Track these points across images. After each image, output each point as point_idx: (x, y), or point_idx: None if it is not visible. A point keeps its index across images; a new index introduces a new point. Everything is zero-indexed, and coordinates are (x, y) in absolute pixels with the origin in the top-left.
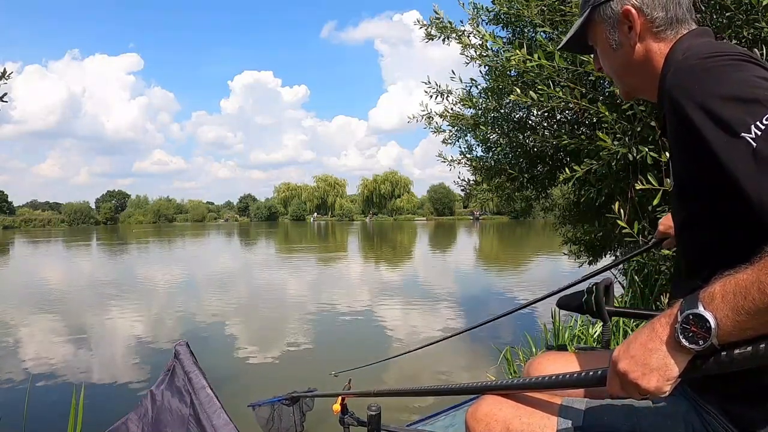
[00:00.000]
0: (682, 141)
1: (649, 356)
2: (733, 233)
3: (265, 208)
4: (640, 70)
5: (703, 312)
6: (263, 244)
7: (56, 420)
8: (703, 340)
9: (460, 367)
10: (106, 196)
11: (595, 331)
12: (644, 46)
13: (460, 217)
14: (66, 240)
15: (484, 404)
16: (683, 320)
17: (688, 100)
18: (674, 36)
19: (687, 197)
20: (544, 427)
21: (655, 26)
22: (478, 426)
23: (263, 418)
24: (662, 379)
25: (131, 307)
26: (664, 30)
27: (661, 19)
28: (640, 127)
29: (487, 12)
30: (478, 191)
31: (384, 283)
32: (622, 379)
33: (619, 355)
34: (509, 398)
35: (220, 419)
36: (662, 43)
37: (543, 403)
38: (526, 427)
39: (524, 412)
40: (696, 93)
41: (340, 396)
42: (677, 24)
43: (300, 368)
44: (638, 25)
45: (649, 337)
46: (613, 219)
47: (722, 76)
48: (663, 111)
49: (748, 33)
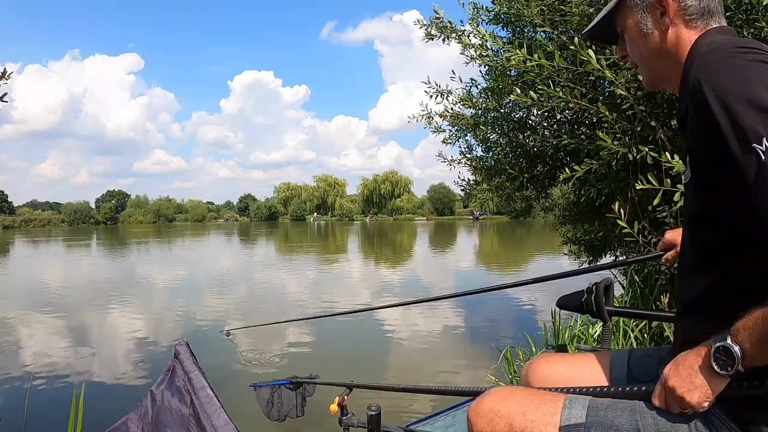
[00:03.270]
0: (703, 133)
1: (695, 376)
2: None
3: (265, 208)
4: (668, 57)
5: (730, 344)
6: (263, 244)
7: (56, 420)
8: (730, 367)
9: (460, 367)
10: (106, 196)
11: (595, 331)
12: (675, 33)
13: (460, 217)
14: (66, 240)
15: (488, 399)
16: (716, 350)
17: (713, 97)
18: (704, 26)
19: (702, 188)
20: (548, 424)
21: (687, 14)
22: (481, 422)
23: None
24: (703, 396)
25: (131, 306)
26: (696, 19)
27: (694, 7)
28: (640, 127)
29: (487, 12)
30: (478, 191)
31: (384, 283)
32: (669, 394)
33: (669, 374)
34: (515, 393)
35: (220, 419)
36: (692, 32)
37: (547, 401)
38: (530, 425)
39: (528, 408)
40: (720, 90)
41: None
42: (708, 15)
43: (300, 368)
44: (672, 10)
45: (695, 360)
46: (613, 219)
47: (748, 75)
48: (684, 102)
49: (748, 33)
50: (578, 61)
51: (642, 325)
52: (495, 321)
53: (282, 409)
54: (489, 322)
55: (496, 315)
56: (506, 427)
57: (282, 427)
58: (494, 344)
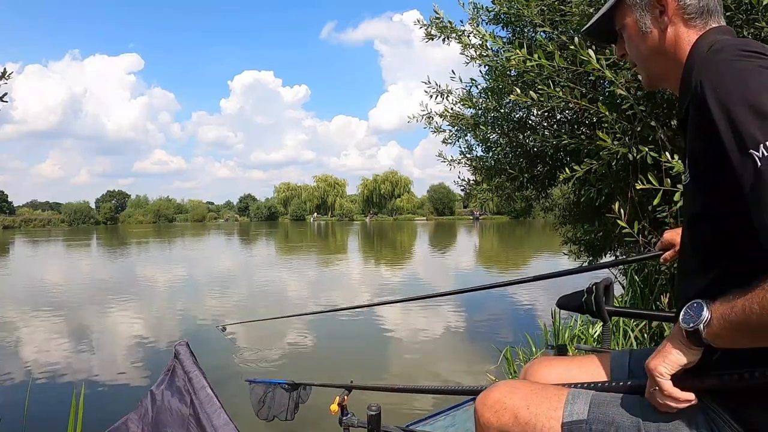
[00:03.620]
0: (703, 135)
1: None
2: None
3: (265, 208)
4: (667, 56)
5: (703, 303)
6: (263, 244)
7: (56, 420)
8: (693, 323)
9: (460, 367)
10: (106, 196)
11: (595, 331)
12: (674, 32)
13: (460, 217)
14: (66, 240)
15: (495, 391)
16: (689, 306)
17: (713, 99)
18: (703, 26)
19: (702, 189)
20: (550, 418)
21: (686, 12)
22: (488, 412)
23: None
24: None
25: (131, 307)
26: (695, 18)
27: (694, 6)
28: (640, 127)
29: (487, 12)
30: (478, 191)
31: (384, 283)
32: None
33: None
34: (520, 387)
35: (220, 419)
36: (692, 31)
37: (551, 394)
38: (533, 417)
39: (533, 402)
40: (721, 93)
41: (343, 387)
42: (707, 14)
43: (300, 368)
44: (671, 9)
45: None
46: (613, 219)
47: (749, 78)
48: (684, 103)
49: (748, 33)
50: (578, 61)
51: (642, 325)
52: (495, 321)
53: (272, 409)
54: (489, 322)
55: (496, 315)
56: (511, 419)
57: (282, 427)
58: (494, 344)
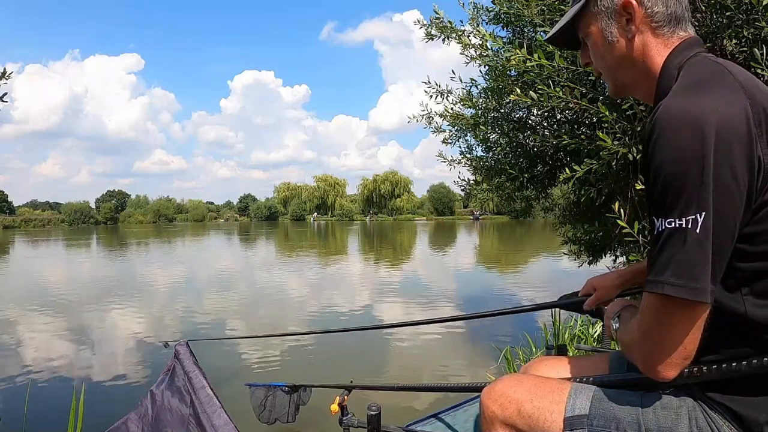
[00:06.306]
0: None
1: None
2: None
3: (265, 208)
4: (635, 65)
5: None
6: (263, 243)
7: (56, 420)
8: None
9: (461, 367)
10: (106, 196)
11: (595, 331)
12: (642, 41)
13: (460, 217)
14: (66, 240)
15: (500, 384)
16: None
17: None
18: (671, 34)
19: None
20: (553, 412)
21: (654, 21)
22: (493, 405)
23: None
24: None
25: (132, 306)
26: (663, 26)
27: (661, 14)
28: (640, 127)
29: (487, 12)
30: (478, 191)
31: (385, 283)
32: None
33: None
34: (524, 380)
35: (220, 419)
36: (660, 40)
37: (554, 389)
38: (536, 411)
39: (536, 395)
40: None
41: (343, 388)
42: (675, 22)
43: (300, 368)
44: (638, 18)
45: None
46: (613, 219)
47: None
48: None
49: (748, 33)
50: (578, 61)
51: None
52: (495, 321)
53: (273, 412)
54: (489, 321)
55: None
56: (515, 412)
57: (283, 428)
58: (494, 344)
